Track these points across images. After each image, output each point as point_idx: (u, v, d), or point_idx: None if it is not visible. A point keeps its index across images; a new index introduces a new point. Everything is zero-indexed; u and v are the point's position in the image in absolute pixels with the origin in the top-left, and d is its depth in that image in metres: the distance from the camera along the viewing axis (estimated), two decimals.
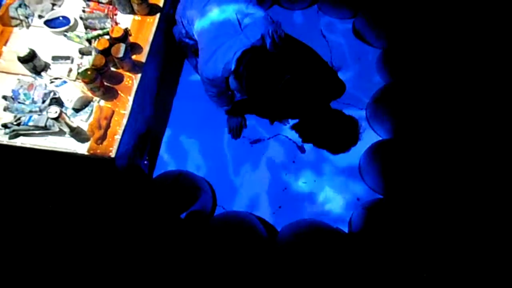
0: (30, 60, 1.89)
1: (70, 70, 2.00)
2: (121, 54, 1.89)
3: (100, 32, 2.04)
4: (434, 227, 1.97)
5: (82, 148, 1.84)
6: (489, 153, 2.16)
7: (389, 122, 2.33)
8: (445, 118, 2.25)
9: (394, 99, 2.35)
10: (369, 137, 2.40)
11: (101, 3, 2.14)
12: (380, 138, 2.37)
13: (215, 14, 1.85)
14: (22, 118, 1.83)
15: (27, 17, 2.09)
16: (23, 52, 1.86)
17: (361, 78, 2.60)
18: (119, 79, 2.01)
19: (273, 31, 1.79)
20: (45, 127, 1.80)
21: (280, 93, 1.76)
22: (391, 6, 2.50)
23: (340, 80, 2.56)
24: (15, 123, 1.82)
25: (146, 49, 2.09)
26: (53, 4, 2.14)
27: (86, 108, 1.93)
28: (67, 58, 2.02)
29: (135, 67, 2.03)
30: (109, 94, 1.96)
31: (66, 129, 1.79)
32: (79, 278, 1.90)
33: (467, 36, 2.44)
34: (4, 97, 1.88)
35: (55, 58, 2.01)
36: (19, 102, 1.88)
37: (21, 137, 1.84)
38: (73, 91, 1.95)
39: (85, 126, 1.88)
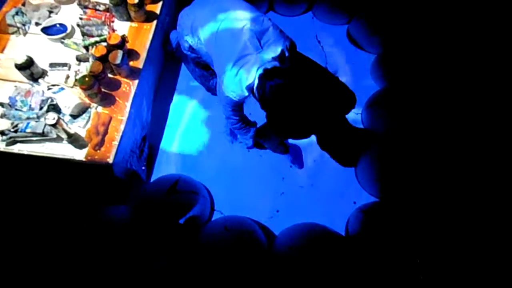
0: (27, 67, 1.89)
1: (68, 77, 2.01)
2: (118, 61, 1.91)
3: (97, 39, 2.06)
4: (430, 230, 1.99)
5: (79, 155, 1.85)
6: (484, 156, 2.19)
7: (383, 127, 2.36)
8: (440, 122, 2.28)
9: (388, 103, 2.38)
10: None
11: (98, 10, 2.16)
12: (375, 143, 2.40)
13: (229, 24, 1.83)
14: (20, 125, 1.83)
15: (24, 25, 2.10)
16: (20, 59, 1.87)
17: (355, 83, 2.63)
18: (116, 85, 2.02)
19: (289, 45, 1.83)
20: (42, 134, 1.81)
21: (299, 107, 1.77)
22: (385, 12, 2.55)
23: (350, 91, 2.57)
24: (12, 129, 1.82)
25: (143, 55, 2.10)
26: (50, 12, 2.16)
27: (84, 115, 1.93)
28: (65, 65, 2.03)
29: (132, 73, 2.04)
30: (107, 100, 1.97)
31: (64, 136, 1.80)
32: (77, 282, 1.88)
33: (461, 41, 2.47)
34: (1, 104, 1.89)
35: (52, 65, 2.02)
36: (16, 109, 1.88)
37: (18, 144, 1.84)
38: (70, 97, 1.95)
39: (82, 133, 1.89)
